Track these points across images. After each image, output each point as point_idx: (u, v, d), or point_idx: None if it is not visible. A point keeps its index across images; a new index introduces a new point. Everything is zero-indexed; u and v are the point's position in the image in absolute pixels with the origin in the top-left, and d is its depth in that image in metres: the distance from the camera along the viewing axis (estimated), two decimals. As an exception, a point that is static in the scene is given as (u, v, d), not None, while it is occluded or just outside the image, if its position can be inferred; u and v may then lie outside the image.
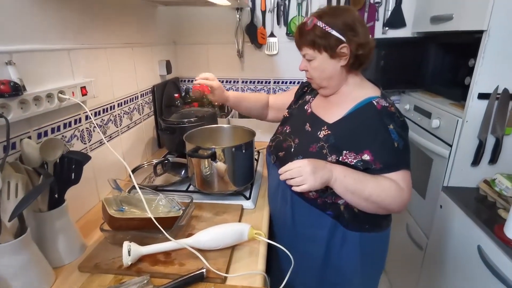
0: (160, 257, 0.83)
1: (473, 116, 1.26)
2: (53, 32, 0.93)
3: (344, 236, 0.96)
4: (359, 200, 0.88)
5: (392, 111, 0.89)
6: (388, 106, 0.90)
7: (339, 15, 0.90)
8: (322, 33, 0.89)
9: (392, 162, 0.88)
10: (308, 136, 0.98)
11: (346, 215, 0.94)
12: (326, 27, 0.88)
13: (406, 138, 0.90)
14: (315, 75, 0.97)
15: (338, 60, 0.92)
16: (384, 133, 0.87)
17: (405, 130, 0.91)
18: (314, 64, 0.95)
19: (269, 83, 2.02)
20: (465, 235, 1.22)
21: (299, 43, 0.97)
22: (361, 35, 0.89)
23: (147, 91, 1.58)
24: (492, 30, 1.16)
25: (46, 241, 0.81)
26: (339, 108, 0.96)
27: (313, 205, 0.96)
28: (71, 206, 0.87)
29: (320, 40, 0.90)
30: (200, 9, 1.92)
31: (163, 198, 0.99)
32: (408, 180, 0.89)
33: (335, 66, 0.93)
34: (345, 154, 0.89)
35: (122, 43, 1.33)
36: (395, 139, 0.87)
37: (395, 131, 0.87)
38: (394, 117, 0.88)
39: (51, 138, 0.79)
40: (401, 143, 0.87)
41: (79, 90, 0.99)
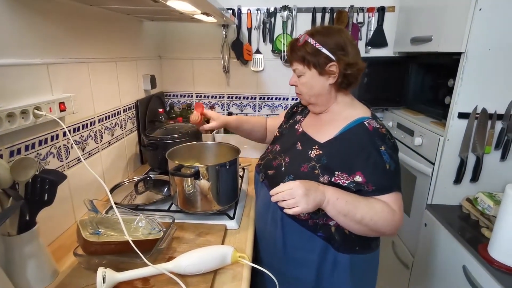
0: (137, 284, 0.78)
1: (454, 135, 1.29)
2: (32, 46, 0.90)
3: (335, 260, 0.94)
4: (351, 223, 0.86)
5: (383, 133, 0.90)
6: (379, 127, 0.90)
7: (331, 35, 0.92)
8: (313, 50, 0.91)
9: (384, 184, 0.87)
10: (299, 155, 0.97)
11: (337, 237, 0.92)
12: (317, 45, 0.91)
13: (397, 160, 0.90)
14: (304, 91, 0.99)
15: (326, 78, 0.93)
16: (376, 154, 0.86)
17: (396, 152, 0.91)
18: (303, 80, 0.97)
19: (255, 99, 2.02)
20: (450, 254, 1.22)
21: (290, 58, 0.99)
22: (351, 55, 0.91)
23: (131, 106, 1.55)
24: (470, 52, 1.20)
25: (14, 267, 0.75)
26: (330, 127, 0.96)
27: (304, 226, 0.93)
28: (44, 228, 0.82)
29: (310, 57, 0.92)
30: (186, 25, 1.92)
31: (143, 219, 0.95)
32: (400, 202, 0.89)
33: (323, 84, 0.94)
34: (338, 175, 0.88)
35: (106, 57, 1.31)
36: (387, 161, 0.86)
37: (386, 153, 0.87)
38: (385, 139, 0.89)
39: (23, 158, 0.75)
40: (393, 165, 0.87)
41: (57, 105, 0.95)
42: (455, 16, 1.25)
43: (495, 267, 1.00)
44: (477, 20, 1.16)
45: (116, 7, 1.25)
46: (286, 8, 1.82)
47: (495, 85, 1.22)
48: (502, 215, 1.00)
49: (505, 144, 1.26)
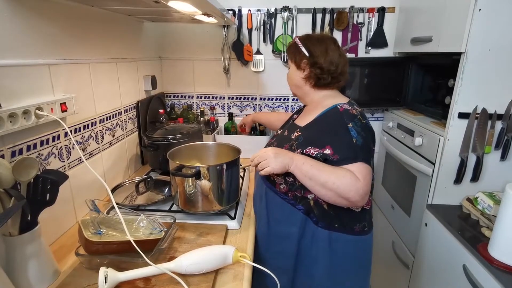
0: (139, 284, 0.78)
1: (454, 135, 1.29)
2: (34, 47, 0.90)
3: (314, 233, 1.03)
4: (316, 187, 0.95)
5: (353, 113, 1.00)
6: (350, 109, 1.01)
7: (314, 40, 1.10)
8: (296, 48, 1.11)
9: (348, 155, 0.95)
10: (284, 139, 1.11)
11: (315, 210, 1.02)
12: (299, 43, 1.10)
13: (366, 137, 0.98)
14: (288, 81, 1.19)
15: (301, 72, 1.10)
16: (343, 130, 0.97)
17: (366, 131, 0.99)
18: (288, 72, 1.18)
19: (255, 100, 2.02)
20: (451, 254, 1.23)
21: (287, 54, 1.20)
22: (322, 58, 1.06)
23: (131, 107, 1.55)
24: (469, 52, 1.20)
25: (15, 267, 0.76)
26: (311, 115, 1.09)
27: (285, 200, 1.05)
28: (46, 228, 0.82)
29: (292, 53, 1.13)
30: (186, 26, 1.93)
31: (144, 219, 0.95)
32: (365, 172, 0.95)
33: (298, 76, 1.12)
34: (309, 148, 1.00)
35: (106, 58, 1.31)
36: (354, 136, 0.96)
37: (354, 129, 0.96)
38: (355, 119, 0.99)
39: (25, 157, 0.75)
40: (360, 140, 0.96)
41: (59, 106, 0.96)
42: (455, 17, 1.25)
43: (495, 266, 1.00)
44: (477, 21, 1.16)
45: (117, 8, 1.26)
46: (287, 9, 1.82)
47: (495, 85, 1.23)
48: (502, 215, 1.01)
49: (505, 144, 1.27)
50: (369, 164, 0.97)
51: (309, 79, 1.10)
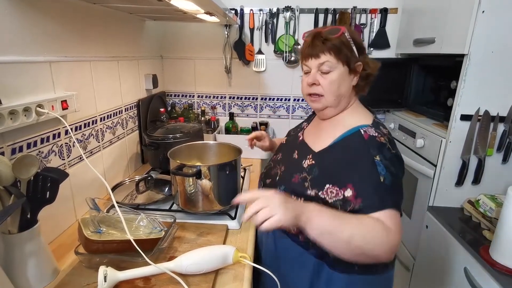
0: (139, 283, 0.78)
1: (456, 137, 1.29)
2: (34, 44, 0.90)
3: (330, 279, 0.84)
4: (338, 244, 0.72)
5: (381, 142, 0.80)
6: (377, 136, 0.81)
7: (356, 34, 0.89)
8: (348, 44, 0.85)
9: (374, 199, 0.76)
10: (293, 165, 0.93)
11: (331, 254, 0.78)
12: (350, 40, 0.85)
13: (397, 174, 0.78)
14: (330, 90, 0.86)
15: (352, 78, 0.88)
16: (369, 165, 0.77)
17: (396, 164, 0.80)
18: (333, 77, 0.85)
19: (256, 99, 2.02)
20: (452, 256, 1.22)
21: (318, 49, 0.85)
22: (368, 57, 0.91)
23: (132, 105, 1.55)
24: (472, 54, 1.20)
25: (14, 265, 0.75)
26: (328, 136, 0.89)
27: (294, 241, 0.87)
28: (45, 227, 0.81)
29: (345, 50, 0.84)
30: (188, 25, 1.92)
31: (145, 218, 0.94)
32: (396, 220, 0.76)
33: (349, 84, 0.88)
34: (327, 189, 0.80)
35: (108, 56, 1.31)
36: (381, 173, 0.76)
37: (382, 164, 0.77)
38: (383, 149, 0.79)
39: (26, 155, 0.74)
40: (389, 178, 0.76)
41: (60, 103, 0.95)
42: (458, 18, 1.25)
43: (497, 269, 1.00)
44: (480, 22, 1.16)
45: (119, 6, 1.25)
46: (289, 9, 1.82)
47: (497, 88, 1.22)
48: (504, 217, 1.00)
49: (507, 147, 1.26)
50: (399, 210, 0.77)
51: (356, 87, 0.90)
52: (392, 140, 0.84)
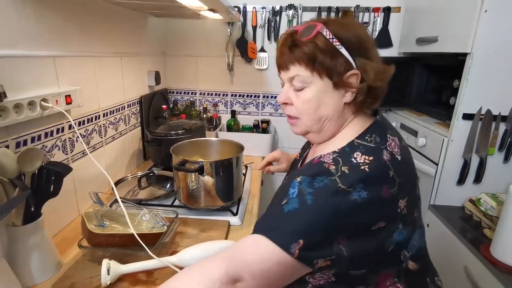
0: (141, 277, 0.78)
1: (458, 136, 1.29)
2: (39, 39, 0.90)
3: None
4: None
5: (325, 168, 0.57)
6: (329, 163, 0.58)
7: (351, 27, 0.63)
8: (328, 47, 0.60)
9: (256, 226, 0.58)
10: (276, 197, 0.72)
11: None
12: (334, 40, 0.60)
13: (311, 206, 0.53)
14: (306, 112, 0.66)
15: (342, 94, 0.64)
16: (287, 186, 0.59)
17: (325, 199, 0.54)
18: (307, 95, 0.64)
19: (258, 97, 2.02)
20: (452, 255, 1.22)
21: (284, 59, 0.65)
22: (375, 59, 0.65)
23: (135, 102, 1.55)
24: (475, 53, 1.20)
25: (18, 258, 0.76)
26: None
27: None
28: (48, 220, 0.82)
29: (323, 57, 0.60)
30: (191, 22, 1.92)
31: (147, 213, 0.95)
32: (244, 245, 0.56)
33: (337, 102, 0.64)
34: None
35: (111, 52, 1.31)
36: (290, 195, 0.56)
37: (297, 187, 0.56)
38: (320, 176, 0.56)
39: (30, 148, 0.75)
40: (292, 205, 0.55)
41: (64, 98, 0.95)
42: (461, 17, 1.25)
43: (497, 267, 1.00)
44: (483, 22, 1.16)
45: (123, 1, 1.25)
46: (292, 7, 1.82)
47: (500, 87, 1.22)
48: (505, 216, 1.00)
49: (508, 146, 1.26)
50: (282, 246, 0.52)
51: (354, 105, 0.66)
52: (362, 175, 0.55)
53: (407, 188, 0.59)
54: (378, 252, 0.57)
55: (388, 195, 0.56)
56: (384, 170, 0.57)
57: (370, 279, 0.61)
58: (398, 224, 0.58)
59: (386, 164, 0.57)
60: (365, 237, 0.55)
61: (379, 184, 0.55)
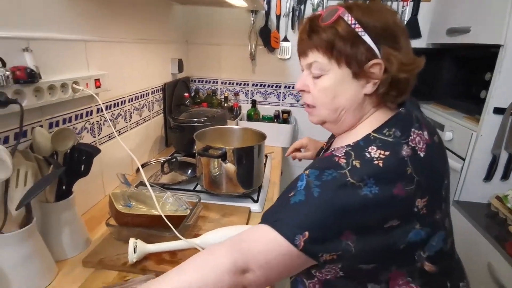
0: (165, 257, 0.81)
1: (488, 131, 1.24)
2: (71, 23, 0.92)
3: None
4: None
5: (335, 162, 0.55)
6: (340, 156, 0.56)
7: (376, 13, 0.59)
8: (349, 34, 0.57)
9: (263, 216, 0.58)
10: None
11: None
12: (357, 26, 0.57)
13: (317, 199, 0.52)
14: (321, 101, 0.64)
15: (362, 84, 0.60)
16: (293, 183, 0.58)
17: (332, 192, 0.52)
18: (324, 84, 0.62)
19: (280, 87, 2.01)
20: (476, 251, 1.19)
21: (304, 45, 0.63)
22: (404, 49, 0.59)
23: (158, 89, 1.57)
24: (509, 45, 1.15)
25: (50, 233, 0.79)
26: None
27: None
28: (77, 199, 0.85)
29: (343, 44, 0.58)
30: (215, 10, 1.92)
31: (171, 196, 0.97)
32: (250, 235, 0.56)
33: (356, 93, 0.61)
34: None
35: (137, 39, 1.33)
36: (298, 187, 0.55)
37: (305, 179, 0.55)
38: (328, 169, 0.55)
39: (64, 128, 0.78)
40: (298, 197, 0.54)
41: (93, 82, 0.98)
42: (495, 8, 1.19)
43: (525, 266, 0.97)
44: (520, 12, 1.10)
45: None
46: (317, -5, 1.78)
47: (535, 80, 1.17)
48: (536, 214, 0.97)
49: (541, 143, 1.21)
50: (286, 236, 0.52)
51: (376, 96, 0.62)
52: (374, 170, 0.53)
53: (428, 188, 0.55)
54: (389, 250, 0.55)
55: (403, 193, 0.52)
56: (400, 166, 0.54)
57: (381, 275, 0.59)
58: (415, 224, 0.55)
59: (403, 160, 0.54)
60: (376, 235, 0.53)
61: (393, 181, 0.52)
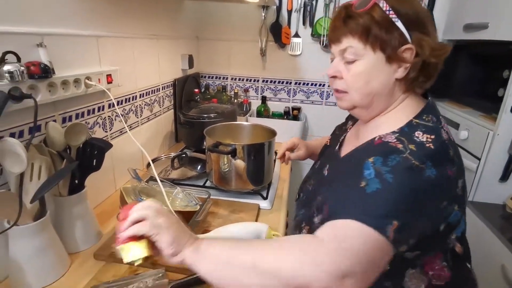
0: (175, 251, 0.81)
1: (505, 130, 1.21)
2: (83, 18, 0.93)
3: None
4: (243, 276, 0.51)
5: (394, 147, 0.57)
6: (394, 142, 0.58)
7: (408, 1, 0.62)
8: (384, 20, 0.60)
9: (339, 205, 0.57)
10: (320, 182, 0.76)
11: None
12: (391, 13, 0.60)
13: (394, 184, 0.52)
14: (355, 86, 0.65)
15: (394, 69, 0.62)
16: (356, 168, 0.58)
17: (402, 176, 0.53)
18: (358, 68, 0.63)
19: (290, 84, 1.99)
20: (489, 253, 1.17)
21: (338, 32, 0.64)
22: (433, 36, 0.63)
23: (169, 84, 1.58)
24: (531, 41, 1.11)
25: (63, 226, 0.80)
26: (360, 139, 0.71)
27: None
28: (89, 193, 0.86)
29: (378, 30, 0.60)
30: (225, 6, 1.91)
31: (181, 192, 0.98)
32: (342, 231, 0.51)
33: (388, 77, 0.63)
34: None
35: (148, 34, 1.33)
36: (366, 176, 0.55)
37: (372, 168, 0.55)
38: (391, 154, 0.56)
39: (76, 123, 0.79)
40: (374, 187, 0.53)
41: (105, 77, 0.99)
42: (516, 2, 1.15)
43: (542, 270, 0.95)
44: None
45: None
46: (329, -10, 1.76)
47: (557, 78, 1.13)
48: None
49: (562, 143, 1.17)
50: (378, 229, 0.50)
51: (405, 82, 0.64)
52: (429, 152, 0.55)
53: (462, 169, 0.59)
54: (433, 233, 0.57)
55: (452, 174, 0.56)
56: (445, 149, 0.57)
57: (418, 259, 0.60)
58: (455, 205, 0.57)
59: (445, 143, 0.58)
60: (432, 217, 0.55)
61: (444, 162, 0.55)
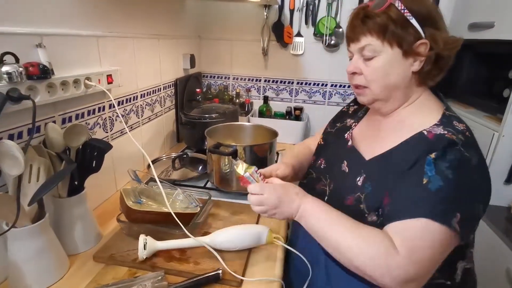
0: (175, 254, 0.81)
1: (510, 131, 1.19)
2: (83, 18, 0.92)
3: None
4: (331, 249, 0.65)
5: (451, 139, 0.60)
6: (447, 133, 0.62)
7: (420, 0, 0.68)
8: (400, 18, 0.65)
9: (404, 204, 0.61)
10: (344, 182, 0.76)
11: None
12: (406, 11, 0.65)
13: (456, 180, 0.58)
14: (375, 80, 0.70)
15: (410, 63, 0.68)
16: (418, 164, 0.62)
17: (461, 170, 0.59)
18: (377, 64, 0.68)
19: (292, 83, 1.98)
20: (494, 256, 1.15)
21: (357, 31, 0.70)
22: (444, 31, 0.68)
23: (170, 84, 1.57)
24: (537, 41, 1.09)
25: (63, 227, 0.80)
26: (387, 140, 0.72)
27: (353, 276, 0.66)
28: (89, 194, 0.86)
29: (394, 28, 0.65)
30: (227, 5, 1.90)
31: (181, 193, 0.97)
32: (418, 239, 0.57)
33: (405, 71, 0.68)
34: None
35: (149, 34, 1.33)
36: (427, 173, 0.59)
37: (433, 164, 0.60)
38: (449, 148, 0.60)
39: (76, 124, 0.78)
40: (436, 184, 0.58)
41: (105, 78, 0.98)
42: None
43: (548, 274, 0.93)
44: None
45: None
46: (332, -11, 1.74)
47: None
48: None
49: None
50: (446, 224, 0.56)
51: (419, 75, 0.69)
52: (470, 141, 0.62)
53: None
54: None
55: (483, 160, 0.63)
56: (473, 134, 0.65)
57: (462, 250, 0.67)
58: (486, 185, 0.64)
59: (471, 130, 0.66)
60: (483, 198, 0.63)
61: (478, 147, 0.63)
